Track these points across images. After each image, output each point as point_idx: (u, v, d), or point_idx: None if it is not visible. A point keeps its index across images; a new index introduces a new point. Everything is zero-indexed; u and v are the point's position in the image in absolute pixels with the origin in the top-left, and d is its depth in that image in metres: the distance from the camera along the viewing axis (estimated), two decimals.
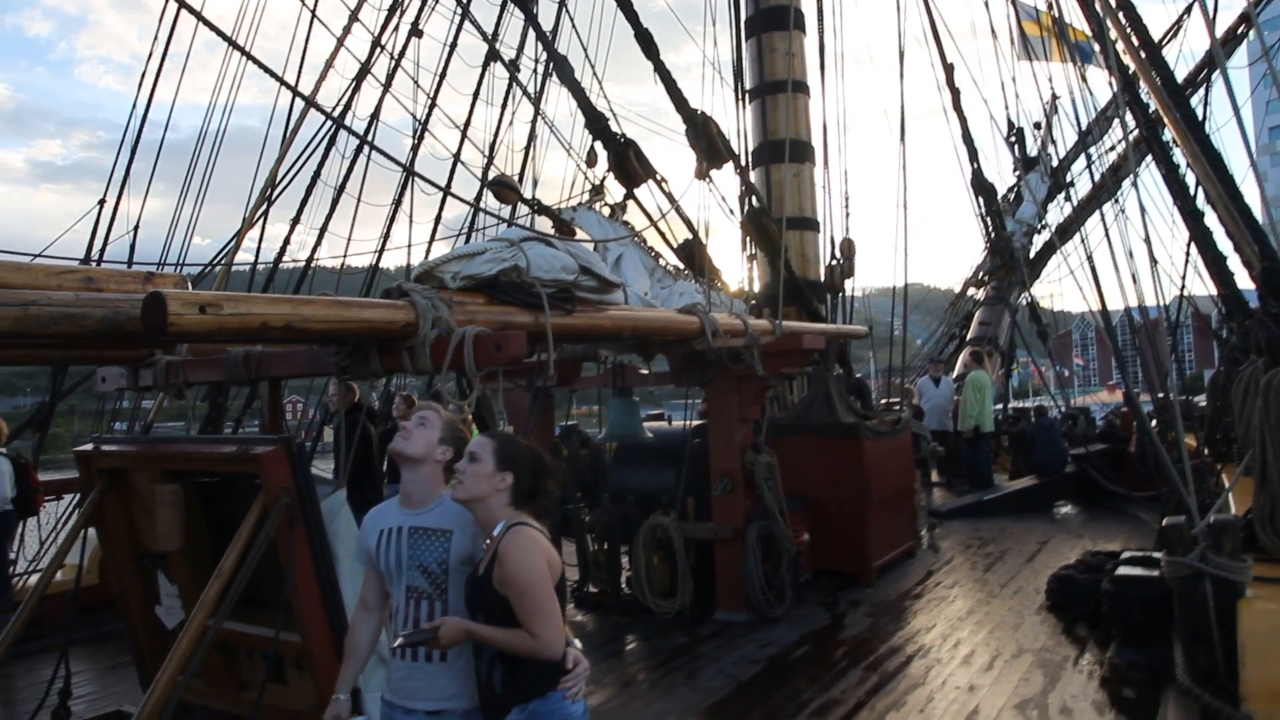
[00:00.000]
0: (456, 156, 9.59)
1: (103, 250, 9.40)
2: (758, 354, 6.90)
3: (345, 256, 10.91)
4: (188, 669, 4.00)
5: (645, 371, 8.09)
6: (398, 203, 12.00)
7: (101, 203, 9.66)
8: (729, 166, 9.09)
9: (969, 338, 18.21)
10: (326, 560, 4.33)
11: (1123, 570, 6.17)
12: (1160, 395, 10.21)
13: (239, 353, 5.12)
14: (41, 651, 7.04)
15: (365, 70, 10.72)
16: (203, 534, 4.87)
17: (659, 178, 8.93)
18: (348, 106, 11.53)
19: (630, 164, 8.64)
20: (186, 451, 4.63)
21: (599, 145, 8.59)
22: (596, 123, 8.46)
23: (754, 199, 9.19)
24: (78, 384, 9.56)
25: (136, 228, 9.59)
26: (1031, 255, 19.56)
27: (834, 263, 10.80)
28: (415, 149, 11.83)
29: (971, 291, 20.34)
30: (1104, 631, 6.48)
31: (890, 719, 5.36)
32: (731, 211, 9.05)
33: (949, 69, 16.89)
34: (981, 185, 18.42)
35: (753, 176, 10.27)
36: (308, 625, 4.28)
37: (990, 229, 18.43)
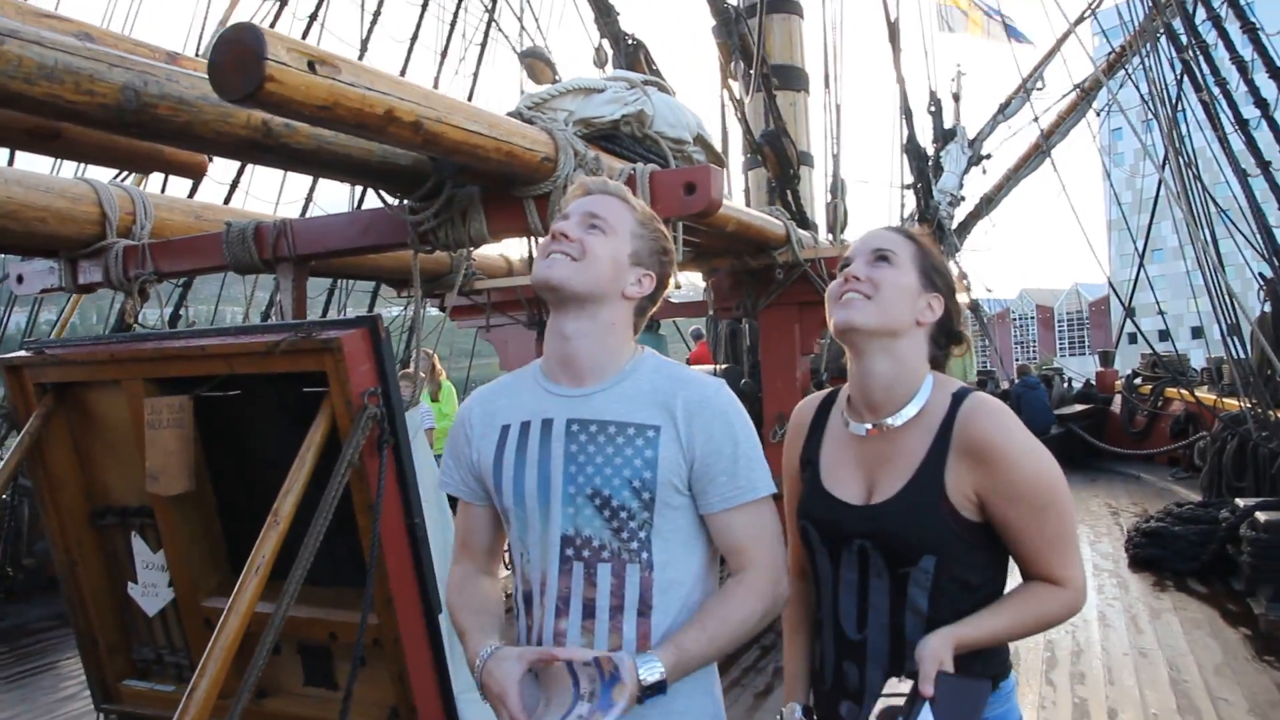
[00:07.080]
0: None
1: None
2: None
3: None
4: (248, 678, 2.57)
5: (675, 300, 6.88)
6: None
7: None
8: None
9: None
10: (419, 503, 2.98)
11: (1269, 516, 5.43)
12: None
13: (247, 225, 3.64)
14: None
15: None
16: (203, 478, 3.37)
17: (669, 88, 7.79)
18: None
19: (640, 67, 7.47)
20: (197, 347, 2.98)
21: (607, 43, 7.42)
22: (606, 17, 7.26)
23: (773, 118, 8.10)
24: None
25: None
26: (954, 226, 19.45)
27: (833, 201, 9.81)
28: None
29: None
30: (1221, 582, 6.04)
31: (1058, 689, 4.47)
32: (749, 131, 7.92)
33: (893, 26, 16.27)
34: (916, 150, 18.08)
35: (750, 104, 9.18)
36: (396, 598, 2.93)
37: (921, 196, 18.15)
